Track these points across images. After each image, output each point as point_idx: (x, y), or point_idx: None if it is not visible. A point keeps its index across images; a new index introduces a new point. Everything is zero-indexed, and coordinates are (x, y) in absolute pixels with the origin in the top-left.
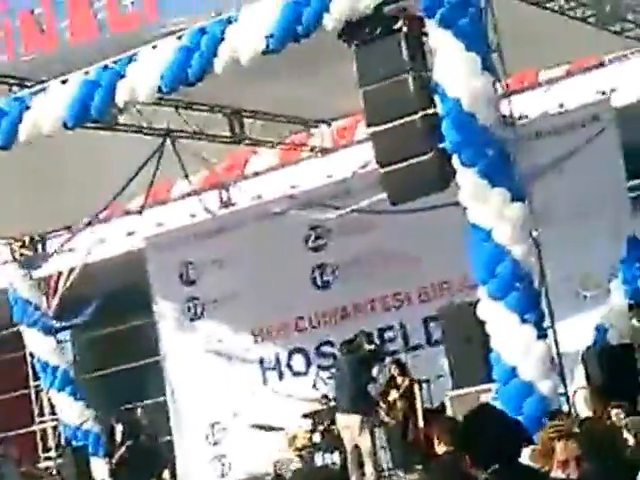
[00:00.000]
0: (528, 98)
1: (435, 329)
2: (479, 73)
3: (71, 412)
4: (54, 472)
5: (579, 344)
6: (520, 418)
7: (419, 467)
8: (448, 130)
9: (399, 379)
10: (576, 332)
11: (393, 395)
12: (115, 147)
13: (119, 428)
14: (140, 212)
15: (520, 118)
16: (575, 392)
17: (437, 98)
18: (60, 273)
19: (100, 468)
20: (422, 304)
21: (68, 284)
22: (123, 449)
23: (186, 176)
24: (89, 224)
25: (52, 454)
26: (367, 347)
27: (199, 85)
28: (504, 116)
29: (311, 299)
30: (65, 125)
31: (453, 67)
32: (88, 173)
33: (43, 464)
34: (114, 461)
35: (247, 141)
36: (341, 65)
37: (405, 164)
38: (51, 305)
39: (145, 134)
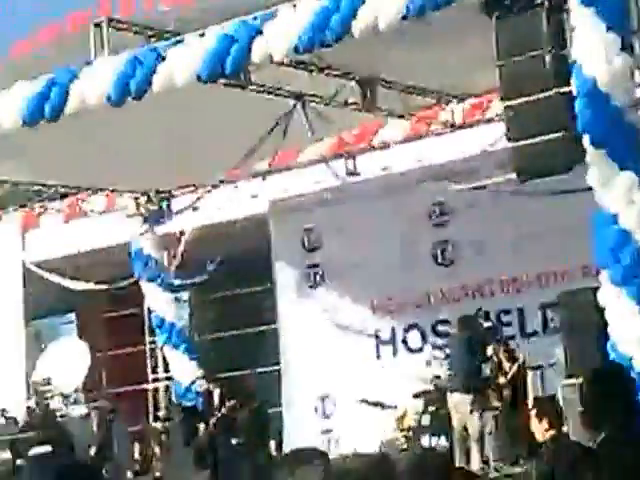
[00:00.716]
0: None
1: (553, 316)
2: (618, 54)
3: (184, 371)
4: (163, 432)
5: None
6: None
7: (525, 459)
8: (581, 109)
9: (506, 365)
10: None
11: (501, 380)
12: (245, 107)
13: (217, 392)
14: (265, 176)
15: None
16: None
17: (573, 76)
18: (183, 231)
19: None
20: (541, 289)
21: (190, 243)
22: (219, 414)
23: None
24: (216, 185)
25: (162, 413)
26: (484, 324)
27: (334, 50)
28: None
29: (431, 276)
30: (199, 79)
31: (592, 45)
32: (217, 132)
33: (153, 424)
34: (210, 426)
35: (378, 111)
36: (480, 39)
37: (536, 140)
38: (171, 262)
39: (276, 95)
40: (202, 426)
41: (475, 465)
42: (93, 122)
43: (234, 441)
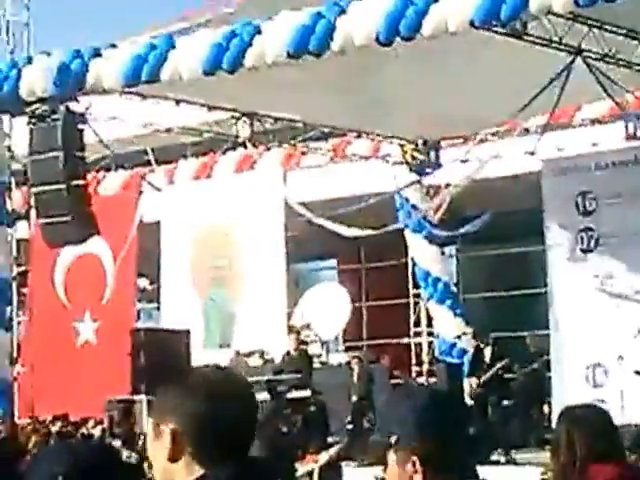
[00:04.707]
0: None
1: None
2: None
3: (449, 327)
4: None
5: None
6: None
7: None
8: None
9: None
10: None
11: None
12: (522, 60)
13: (488, 350)
14: (541, 133)
15: None
16: None
17: None
18: (449, 183)
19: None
20: None
21: (457, 196)
22: (492, 371)
23: (616, 103)
24: (485, 138)
25: (424, 368)
26: None
27: (618, 5)
28: None
29: None
30: (472, 24)
31: None
32: (492, 83)
33: (415, 379)
34: (480, 382)
35: None
36: None
37: None
38: (437, 215)
39: (554, 49)
40: (470, 382)
41: None
42: (363, 64)
43: (505, 402)
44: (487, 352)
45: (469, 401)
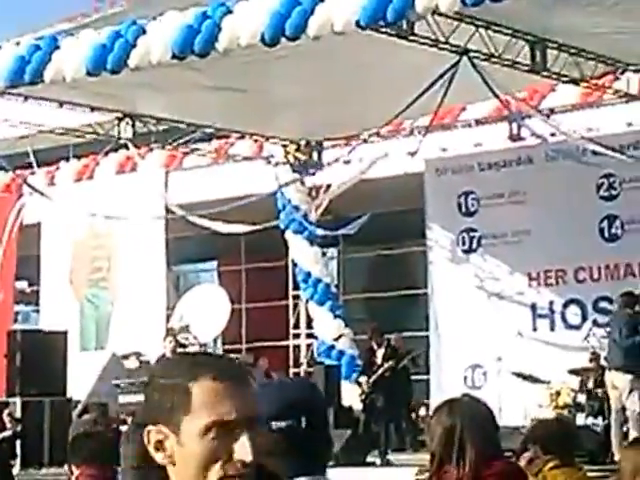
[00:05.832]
0: None
1: None
2: None
3: (328, 328)
4: None
5: None
6: None
7: None
8: None
9: None
10: None
11: None
12: (409, 61)
13: (380, 351)
14: (424, 133)
15: None
16: None
17: None
18: (330, 184)
19: (349, 392)
20: None
21: (339, 197)
22: (381, 371)
23: (501, 102)
24: (368, 138)
25: (302, 370)
26: None
27: (504, 6)
28: None
29: (595, 250)
30: (358, 24)
31: None
32: (378, 84)
33: None
34: (370, 382)
35: (547, 73)
36: None
37: None
38: (317, 214)
39: (440, 49)
40: (361, 383)
41: None
42: (248, 64)
43: (380, 404)
44: (380, 353)
45: (359, 403)
